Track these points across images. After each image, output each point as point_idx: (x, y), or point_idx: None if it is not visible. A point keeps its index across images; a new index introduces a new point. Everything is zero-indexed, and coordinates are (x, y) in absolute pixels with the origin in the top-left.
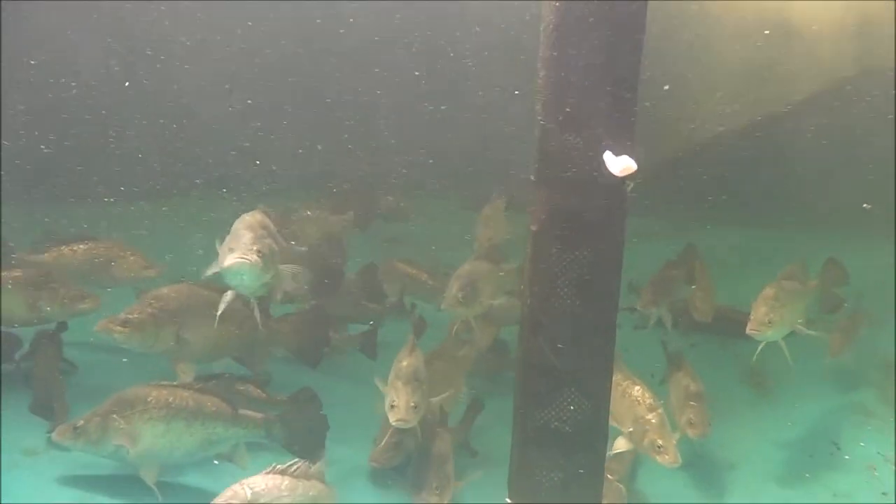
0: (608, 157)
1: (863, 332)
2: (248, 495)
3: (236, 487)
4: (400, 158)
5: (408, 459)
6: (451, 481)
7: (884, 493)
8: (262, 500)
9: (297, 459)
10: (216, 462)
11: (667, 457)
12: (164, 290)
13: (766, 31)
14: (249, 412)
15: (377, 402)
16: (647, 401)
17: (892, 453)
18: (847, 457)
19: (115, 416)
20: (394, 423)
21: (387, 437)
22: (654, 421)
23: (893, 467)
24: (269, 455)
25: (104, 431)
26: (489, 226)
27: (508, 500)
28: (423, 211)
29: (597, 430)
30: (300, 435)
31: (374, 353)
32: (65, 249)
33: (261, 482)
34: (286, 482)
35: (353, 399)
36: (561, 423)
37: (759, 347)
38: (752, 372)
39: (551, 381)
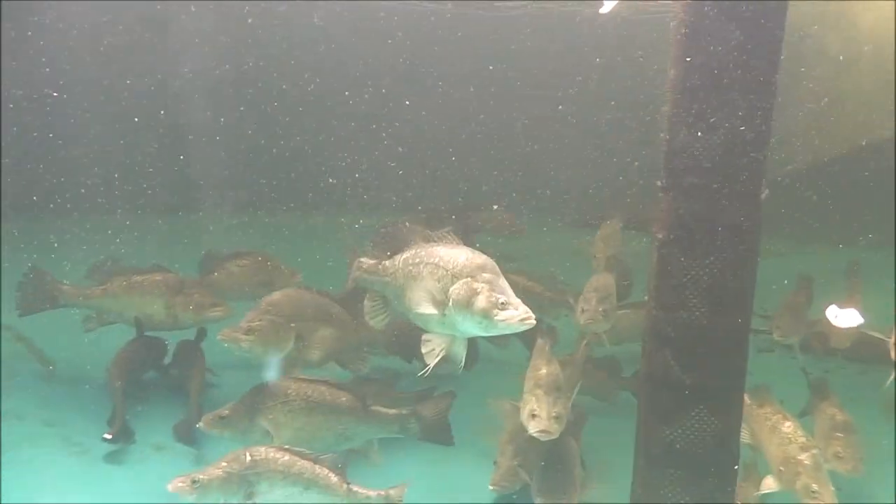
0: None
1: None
2: (247, 461)
3: (239, 452)
4: (513, 175)
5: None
6: (578, 488)
7: None
8: (258, 469)
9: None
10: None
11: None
12: (278, 296)
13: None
14: (383, 409)
15: (496, 418)
16: (800, 439)
17: None
18: None
19: (259, 406)
20: (536, 433)
21: (508, 460)
22: (808, 462)
23: None
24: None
25: (250, 421)
26: (607, 243)
27: None
28: (536, 228)
29: (727, 453)
30: (432, 428)
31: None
32: (232, 267)
33: (262, 451)
34: (285, 457)
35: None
36: (688, 443)
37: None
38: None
39: (678, 398)
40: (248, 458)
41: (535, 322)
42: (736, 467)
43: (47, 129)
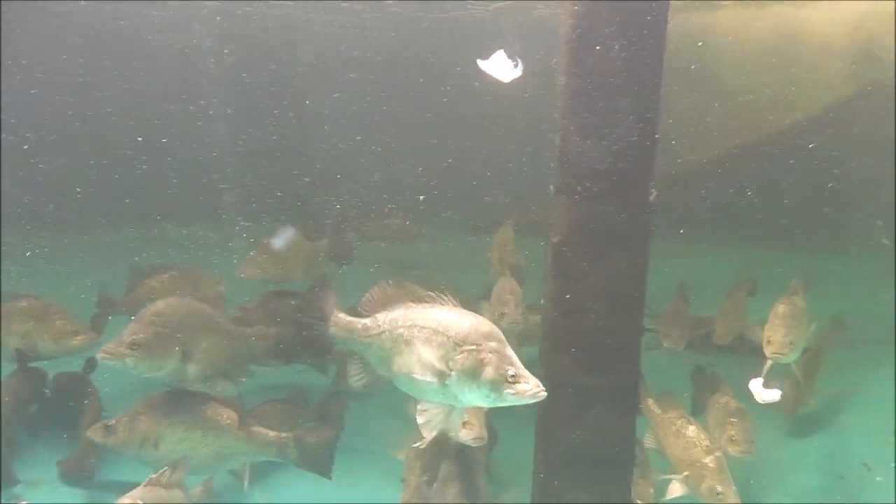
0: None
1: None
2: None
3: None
4: (407, 182)
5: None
6: (480, 499)
7: None
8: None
9: (166, 468)
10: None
11: None
12: (162, 306)
13: (779, 48)
14: (263, 430)
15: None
16: (704, 442)
17: None
18: (879, 478)
19: (142, 417)
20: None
21: (417, 477)
22: (712, 465)
23: None
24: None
25: (131, 432)
26: (503, 248)
27: None
28: (430, 234)
29: (624, 452)
30: (312, 457)
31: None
32: (152, 283)
33: (146, 494)
34: (162, 493)
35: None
36: (586, 443)
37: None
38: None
39: (576, 400)
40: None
41: (546, 395)
42: (633, 466)
43: None
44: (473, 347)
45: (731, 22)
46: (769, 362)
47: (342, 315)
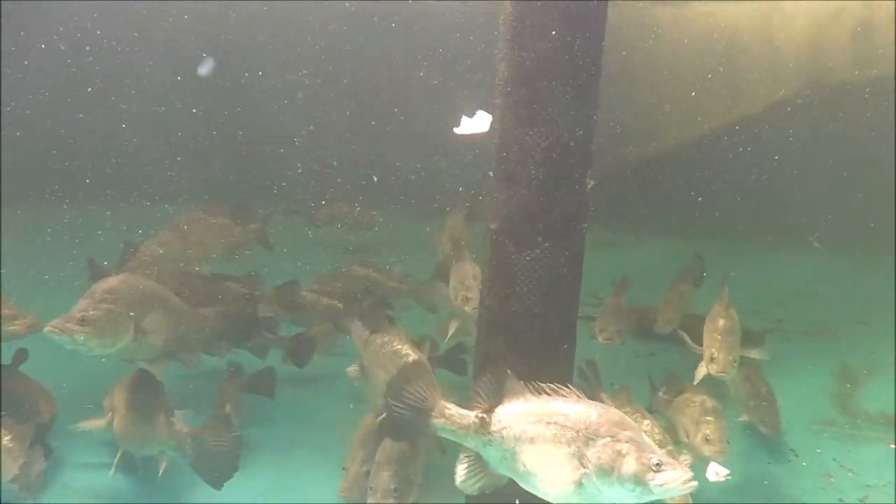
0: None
1: (688, 304)
2: None
3: None
4: (357, 168)
5: None
6: (414, 484)
7: (840, 499)
8: None
9: None
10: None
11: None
12: (114, 282)
13: (723, 42)
14: (171, 421)
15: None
16: (657, 436)
17: (848, 461)
18: (804, 464)
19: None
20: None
21: (358, 467)
22: None
23: (849, 474)
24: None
25: None
26: (453, 234)
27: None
28: (381, 219)
29: None
30: (207, 459)
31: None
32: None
33: None
34: None
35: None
36: None
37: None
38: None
39: None
40: None
41: (697, 485)
42: None
43: None
44: (608, 439)
45: (677, 17)
46: (703, 370)
47: (451, 406)
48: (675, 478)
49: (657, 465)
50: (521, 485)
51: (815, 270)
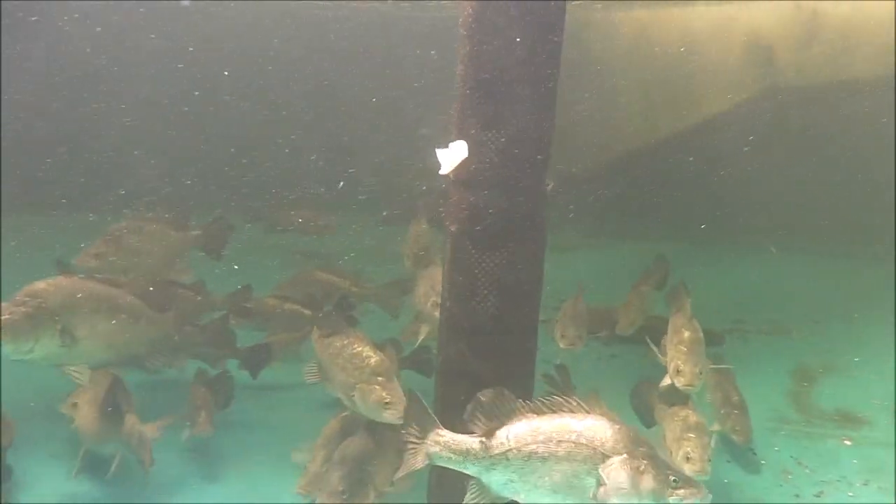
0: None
1: (650, 306)
2: None
3: None
4: (315, 173)
5: None
6: (368, 485)
7: (796, 495)
8: None
9: None
10: None
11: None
12: (42, 286)
13: (681, 48)
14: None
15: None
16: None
17: (805, 458)
18: (763, 462)
19: None
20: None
21: (318, 466)
22: None
23: (806, 471)
24: None
25: None
26: (417, 240)
27: None
28: (342, 226)
29: None
30: None
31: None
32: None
33: None
34: None
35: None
36: None
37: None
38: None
39: (473, 388)
40: None
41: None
42: None
43: None
44: (625, 456)
45: (635, 22)
46: (667, 380)
47: (447, 433)
48: (692, 492)
49: (675, 480)
50: None
51: (774, 272)
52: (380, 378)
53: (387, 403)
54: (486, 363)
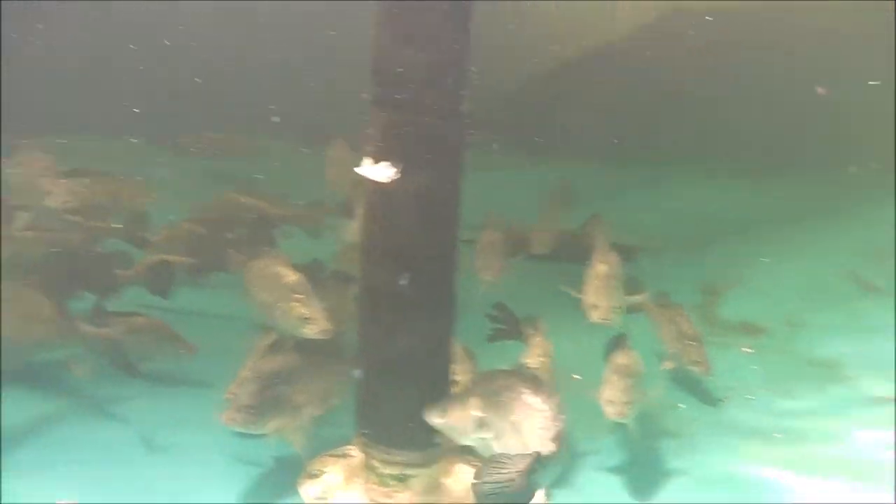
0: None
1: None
2: None
3: None
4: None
5: None
6: (281, 407)
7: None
8: None
9: None
10: None
11: None
12: None
13: None
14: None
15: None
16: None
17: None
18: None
19: None
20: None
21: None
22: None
23: (712, 378)
24: None
25: None
26: (338, 164)
27: None
28: (259, 149)
29: (441, 359)
30: None
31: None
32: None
33: None
34: None
35: None
36: (405, 353)
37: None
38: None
39: (394, 309)
40: None
41: None
42: (448, 370)
43: None
44: None
45: None
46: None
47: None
48: None
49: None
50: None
51: (701, 193)
52: (299, 295)
53: (306, 319)
54: (406, 287)
